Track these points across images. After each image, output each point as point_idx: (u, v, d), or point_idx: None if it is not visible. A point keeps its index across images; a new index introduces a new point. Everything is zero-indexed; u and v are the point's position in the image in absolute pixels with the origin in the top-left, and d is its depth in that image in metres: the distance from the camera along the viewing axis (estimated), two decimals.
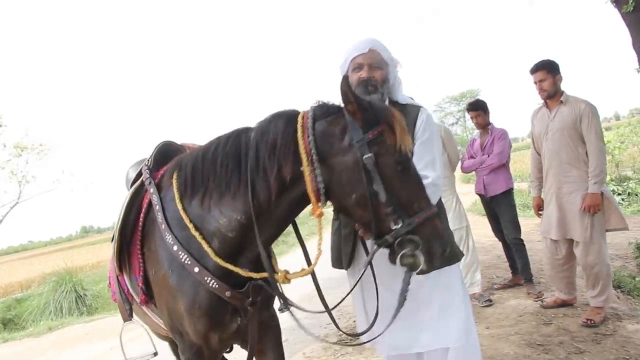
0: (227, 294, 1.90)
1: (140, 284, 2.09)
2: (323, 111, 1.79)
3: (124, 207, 2.21)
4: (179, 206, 1.96)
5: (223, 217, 1.88)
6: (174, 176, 2.04)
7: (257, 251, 1.91)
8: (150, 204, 2.14)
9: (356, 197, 1.70)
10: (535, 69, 4.20)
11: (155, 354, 2.76)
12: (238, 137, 1.89)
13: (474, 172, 5.56)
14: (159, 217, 2.01)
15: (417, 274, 1.76)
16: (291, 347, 4.71)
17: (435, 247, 1.72)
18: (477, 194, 5.55)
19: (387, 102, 2.36)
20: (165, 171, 2.19)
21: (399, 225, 1.67)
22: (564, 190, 4.08)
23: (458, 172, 5.72)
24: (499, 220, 5.32)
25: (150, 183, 2.17)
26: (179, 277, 1.94)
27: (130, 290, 2.28)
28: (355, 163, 1.68)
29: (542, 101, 4.32)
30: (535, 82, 4.20)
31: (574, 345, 3.79)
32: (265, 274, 1.93)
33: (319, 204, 1.76)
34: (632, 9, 3.63)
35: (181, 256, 1.91)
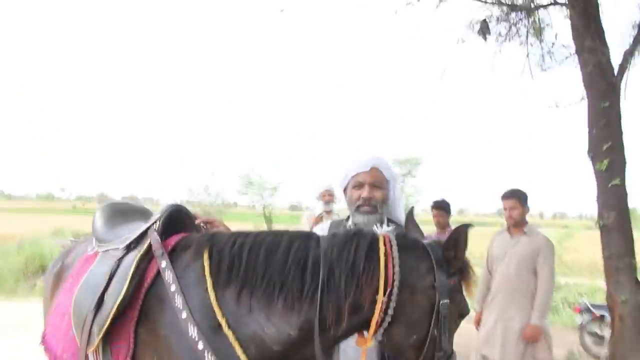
0: None
1: None
2: (406, 242, 1.73)
3: (130, 276, 1.85)
4: (211, 295, 1.72)
5: (271, 326, 1.67)
6: (205, 255, 1.80)
7: None
8: (157, 276, 1.86)
9: (417, 337, 1.66)
10: (508, 196, 4.44)
11: None
12: (305, 245, 1.73)
13: None
14: (178, 302, 1.73)
15: None
16: None
17: None
18: None
19: (385, 222, 2.24)
20: (183, 244, 1.94)
21: None
22: (507, 314, 4.30)
23: None
24: None
25: (162, 254, 1.87)
26: None
27: None
28: (431, 305, 1.64)
29: (505, 227, 4.59)
30: (505, 209, 4.45)
31: None
32: None
33: (375, 336, 1.67)
34: (604, 168, 3.94)
35: (207, 358, 1.64)
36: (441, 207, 5.69)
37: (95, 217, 2.43)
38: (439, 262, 1.68)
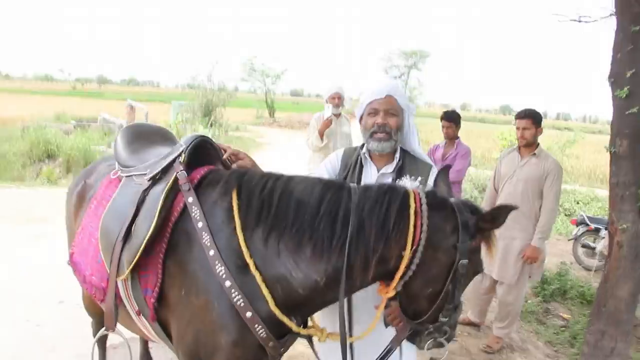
0: (270, 344, 1.82)
1: (153, 300, 1.92)
2: (435, 201, 1.77)
3: (158, 210, 1.91)
4: (240, 236, 1.79)
5: (299, 271, 1.77)
6: (234, 196, 1.86)
7: (313, 310, 1.96)
8: (183, 211, 1.94)
9: (432, 290, 1.75)
10: (522, 116, 4.40)
11: None
12: (337, 196, 1.77)
13: None
14: (206, 239, 1.81)
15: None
16: None
17: (452, 336, 1.91)
18: None
19: (399, 151, 2.40)
20: (209, 179, 2.01)
21: (446, 319, 1.81)
22: (508, 234, 4.39)
23: None
24: None
25: (189, 189, 1.94)
26: (226, 314, 1.79)
27: (124, 297, 2.07)
28: (451, 263, 1.71)
29: (516, 146, 4.57)
30: (518, 128, 4.41)
31: None
32: (310, 331, 1.95)
33: (397, 286, 1.77)
34: (625, 96, 3.84)
35: (234, 295, 1.75)
36: (451, 119, 5.66)
37: (117, 141, 2.48)
38: (464, 224, 1.71)
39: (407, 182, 1.94)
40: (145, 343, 3.50)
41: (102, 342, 3.20)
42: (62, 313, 4.42)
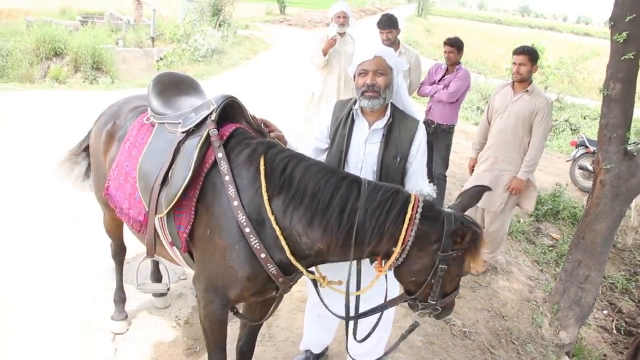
0: (280, 279, 2.18)
1: (185, 236, 2.26)
2: (429, 212, 2.01)
3: (193, 162, 2.21)
4: (265, 196, 2.08)
5: (308, 239, 2.08)
6: (261, 162, 2.12)
7: (316, 263, 2.30)
8: (213, 164, 2.22)
9: (416, 280, 2.07)
10: (519, 52, 4.47)
11: (169, 289, 3.20)
12: (350, 188, 2.04)
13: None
14: (231, 190, 2.11)
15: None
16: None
17: (445, 314, 2.26)
18: (425, 120, 5.87)
19: (389, 108, 2.58)
20: (236, 138, 2.28)
21: (434, 302, 2.09)
22: (497, 166, 4.61)
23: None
24: (432, 152, 5.75)
25: (219, 146, 2.22)
26: (244, 254, 2.12)
27: (160, 230, 2.39)
28: (431, 265, 2.00)
29: (510, 81, 4.68)
30: (514, 63, 4.49)
31: None
32: (314, 276, 2.32)
33: (386, 269, 2.07)
34: (622, 40, 3.88)
35: (252, 240, 2.07)
36: (453, 44, 5.69)
37: (149, 89, 2.73)
38: (448, 234, 1.96)
39: (419, 188, 2.19)
40: (156, 263, 3.80)
41: (119, 260, 3.50)
42: (79, 228, 4.56)
